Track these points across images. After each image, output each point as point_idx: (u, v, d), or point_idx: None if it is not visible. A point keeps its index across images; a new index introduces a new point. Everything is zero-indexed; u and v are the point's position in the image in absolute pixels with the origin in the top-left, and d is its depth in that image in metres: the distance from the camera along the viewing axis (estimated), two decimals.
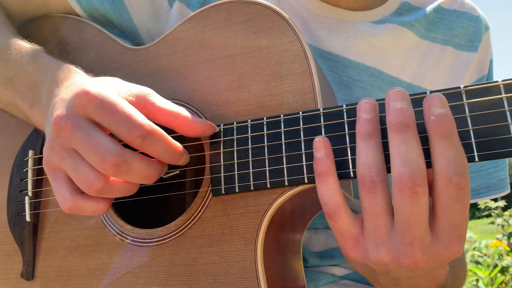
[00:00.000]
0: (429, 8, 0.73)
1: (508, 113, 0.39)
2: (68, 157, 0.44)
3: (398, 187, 0.38)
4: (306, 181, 0.45)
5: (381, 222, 0.40)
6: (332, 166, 0.42)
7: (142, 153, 0.45)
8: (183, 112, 0.47)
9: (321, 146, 0.42)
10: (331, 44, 0.68)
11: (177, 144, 0.46)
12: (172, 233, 0.51)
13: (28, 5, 0.70)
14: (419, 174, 0.38)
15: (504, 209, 3.41)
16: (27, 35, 0.66)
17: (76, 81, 0.50)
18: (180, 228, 0.51)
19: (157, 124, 0.46)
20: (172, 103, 0.48)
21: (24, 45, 0.59)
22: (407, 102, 0.40)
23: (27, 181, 0.61)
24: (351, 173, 0.43)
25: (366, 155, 0.40)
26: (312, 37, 0.68)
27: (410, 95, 0.42)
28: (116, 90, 0.45)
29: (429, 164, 0.40)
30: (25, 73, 0.56)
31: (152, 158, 0.46)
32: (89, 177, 0.43)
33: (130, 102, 0.45)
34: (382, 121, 0.42)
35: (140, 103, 0.46)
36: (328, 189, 0.42)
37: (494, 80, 0.40)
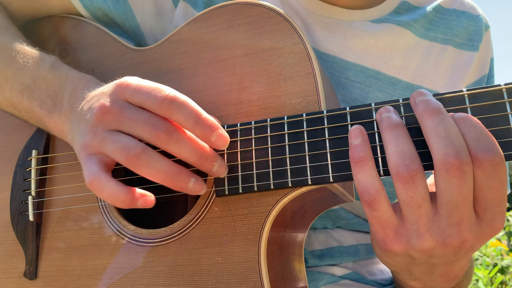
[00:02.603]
0: (428, 8, 0.73)
1: (510, 117, 0.39)
2: (110, 135, 0.46)
3: (444, 168, 0.37)
4: (309, 182, 0.45)
5: (423, 212, 0.39)
6: (370, 151, 0.41)
7: None
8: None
9: (358, 133, 0.42)
10: (328, 45, 0.68)
11: (203, 112, 0.46)
12: (176, 233, 0.51)
13: (30, 5, 0.70)
14: (465, 152, 0.37)
15: (507, 210, 3.42)
16: (27, 35, 0.66)
17: (108, 84, 0.51)
18: (184, 229, 0.51)
19: None
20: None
21: (39, 52, 0.60)
22: (429, 95, 0.41)
23: (30, 180, 0.61)
24: None
25: (396, 144, 0.40)
26: (310, 38, 0.68)
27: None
28: None
29: None
30: (44, 81, 0.56)
31: None
32: (129, 143, 0.44)
33: None
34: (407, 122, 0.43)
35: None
36: (368, 175, 0.41)
37: (496, 83, 0.41)
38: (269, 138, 0.48)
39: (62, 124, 0.53)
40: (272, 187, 0.46)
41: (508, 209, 3.44)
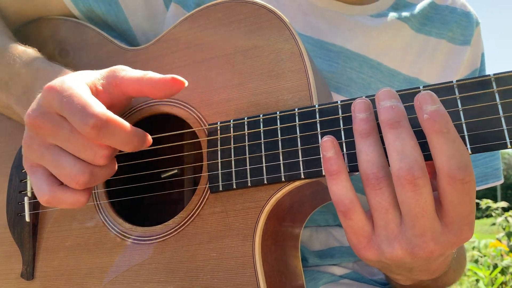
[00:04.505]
0: (423, 4, 0.75)
1: (499, 106, 0.39)
2: (48, 154, 0.44)
3: (399, 182, 0.39)
4: (302, 176, 0.45)
5: (390, 217, 0.41)
6: (343, 163, 0.42)
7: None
8: (149, 74, 0.46)
9: (330, 145, 0.42)
10: (332, 36, 0.69)
11: (137, 130, 0.44)
12: (171, 231, 0.51)
13: (26, 7, 0.70)
14: (418, 166, 0.38)
15: (506, 209, 3.41)
16: (26, 37, 0.66)
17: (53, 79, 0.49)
18: (179, 226, 0.51)
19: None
20: (139, 70, 0.46)
21: (18, 47, 0.60)
22: (396, 100, 0.41)
23: (26, 181, 0.61)
24: (347, 167, 0.43)
25: (366, 153, 0.41)
26: (313, 29, 0.69)
27: (404, 90, 0.43)
28: (83, 80, 0.45)
29: (430, 156, 0.40)
30: (19, 77, 0.56)
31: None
32: (73, 172, 0.43)
33: (102, 86, 0.46)
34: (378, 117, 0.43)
35: (111, 83, 0.46)
36: (342, 187, 0.42)
37: (486, 73, 0.41)
38: (262, 133, 0.48)
39: None
40: (265, 182, 0.47)
41: (508, 209, 3.42)
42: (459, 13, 0.76)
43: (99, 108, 0.41)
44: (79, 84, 0.44)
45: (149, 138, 0.46)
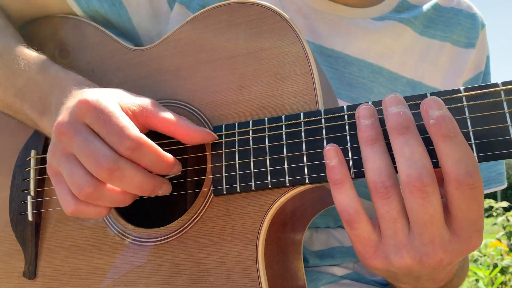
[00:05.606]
0: (427, 6, 0.75)
1: (507, 115, 0.39)
2: (66, 161, 0.46)
3: (408, 189, 0.38)
4: (307, 181, 0.45)
5: (399, 227, 0.40)
6: (347, 172, 0.42)
7: None
8: (183, 120, 0.48)
9: (334, 154, 0.42)
10: (332, 41, 0.68)
11: (168, 155, 0.47)
12: (174, 233, 0.51)
13: (28, 7, 0.70)
14: (427, 173, 0.38)
15: (507, 209, 3.41)
16: (27, 35, 0.66)
17: (82, 91, 0.50)
18: (182, 228, 0.51)
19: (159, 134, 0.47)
20: (173, 112, 0.49)
21: (31, 54, 0.60)
22: (403, 105, 0.40)
23: (29, 180, 0.61)
24: (352, 174, 0.43)
25: (373, 161, 0.40)
26: (314, 34, 0.68)
27: (410, 97, 0.42)
28: (117, 100, 0.47)
29: (437, 164, 0.40)
30: (34, 83, 0.57)
31: None
32: (80, 181, 0.45)
33: (132, 112, 0.47)
34: (382, 122, 0.42)
35: (142, 113, 0.48)
36: (347, 196, 0.41)
37: (493, 81, 0.41)
38: (266, 137, 0.48)
39: (50, 128, 0.53)
40: (269, 186, 0.46)
41: (508, 209, 3.42)
42: (464, 15, 0.75)
43: (134, 131, 0.45)
44: (115, 105, 0.46)
45: (179, 166, 0.49)
